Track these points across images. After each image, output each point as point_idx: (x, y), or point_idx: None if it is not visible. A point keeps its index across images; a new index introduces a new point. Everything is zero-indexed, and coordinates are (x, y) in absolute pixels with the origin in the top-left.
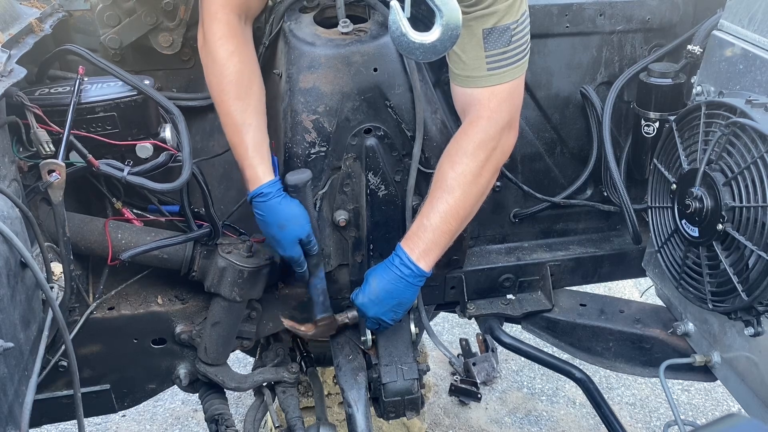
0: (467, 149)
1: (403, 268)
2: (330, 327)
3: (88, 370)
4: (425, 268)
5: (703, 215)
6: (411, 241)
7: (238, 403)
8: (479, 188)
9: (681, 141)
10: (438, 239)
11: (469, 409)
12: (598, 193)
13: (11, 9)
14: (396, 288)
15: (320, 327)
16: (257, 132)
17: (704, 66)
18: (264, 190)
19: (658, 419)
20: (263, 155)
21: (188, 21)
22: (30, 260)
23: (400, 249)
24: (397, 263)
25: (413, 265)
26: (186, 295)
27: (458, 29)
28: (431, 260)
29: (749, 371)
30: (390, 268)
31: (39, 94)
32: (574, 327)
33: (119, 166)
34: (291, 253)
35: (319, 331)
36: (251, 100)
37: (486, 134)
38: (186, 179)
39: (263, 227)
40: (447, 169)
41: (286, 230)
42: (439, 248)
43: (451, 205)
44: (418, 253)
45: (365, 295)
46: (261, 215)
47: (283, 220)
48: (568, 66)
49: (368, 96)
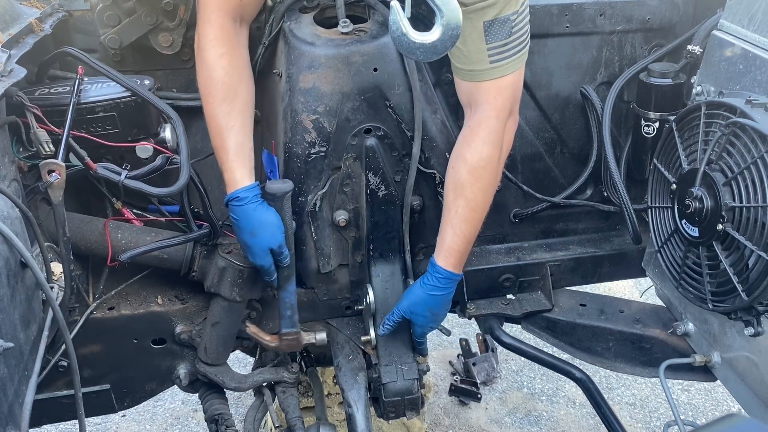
0: (477, 152)
1: (449, 284)
2: (295, 343)
3: (88, 370)
4: (460, 272)
5: (703, 215)
6: (443, 255)
7: (238, 403)
8: (494, 180)
9: (681, 141)
10: (466, 245)
11: (469, 409)
12: (598, 193)
13: (11, 9)
14: (446, 301)
15: (284, 341)
16: (240, 135)
17: (704, 66)
18: (240, 194)
19: (658, 419)
20: (244, 159)
21: (188, 21)
22: (30, 260)
23: (438, 267)
24: (440, 283)
25: (454, 276)
26: (186, 295)
27: (458, 29)
28: (463, 263)
29: (749, 371)
30: (436, 285)
31: (39, 94)
32: (574, 327)
33: (116, 170)
34: (261, 261)
35: (283, 344)
36: (236, 103)
37: (494, 128)
38: (183, 184)
39: (237, 232)
40: (461, 167)
41: (258, 237)
42: (467, 251)
43: (472, 206)
44: (453, 265)
45: (423, 315)
46: (235, 219)
47: (256, 226)
48: (568, 66)
49: (368, 96)
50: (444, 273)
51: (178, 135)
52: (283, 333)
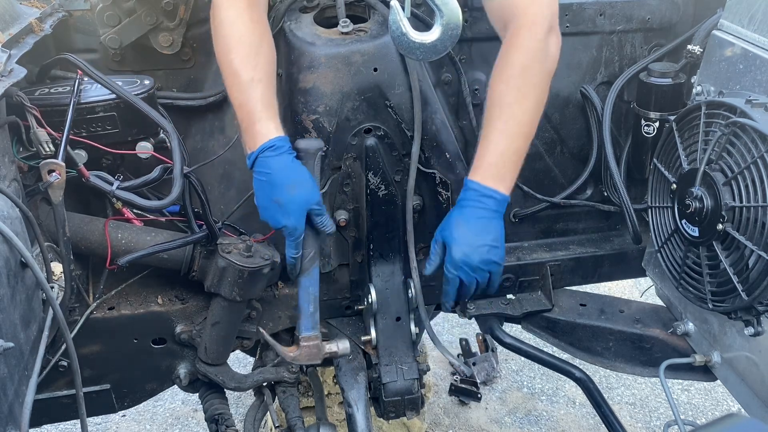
0: (516, 62)
1: (485, 200)
2: (315, 352)
3: (89, 370)
4: (506, 191)
5: (703, 215)
6: (480, 172)
7: (238, 403)
8: (537, 100)
9: (681, 141)
10: (507, 161)
11: (469, 409)
12: (598, 192)
13: (11, 9)
14: (484, 221)
15: (304, 350)
16: (267, 89)
17: (704, 66)
18: (276, 143)
19: (658, 419)
20: (273, 112)
21: (188, 21)
22: (30, 260)
23: (473, 183)
24: (474, 197)
25: (494, 192)
26: (186, 295)
27: (458, 29)
28: (508, 183)
29: (749, 371)
30: (468, 205)
31: (39, 94)
32: (574, 327)
33: (109, 179)
34: (296, 222)
35: (302, 354)
36: (260, 59)
37: (532, 42)
38: (175, 198)
39: (266, 190)
40: (500, 86)
41: (296, 192)
42: (511, 169)
43: (512, 123)
44: (493, 180)
45: (458, 249)
46: (267, 174)
47: (295, 178)
48: (568, 66)
49: (368, 96)
50: (473, 185)
51: (172, 148)
52: (302, 338)
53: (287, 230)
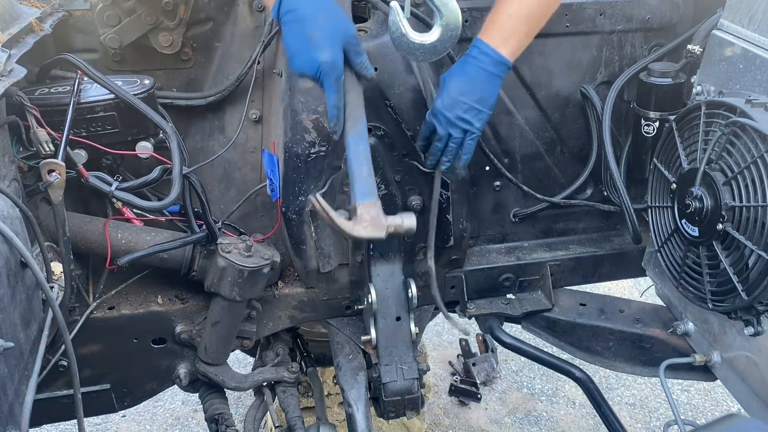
0: None
1: (482, 57)
2: (377, 224)
3: (88, 370)
4: (507, 55)
5: (703, 215)
6: (487, 31)
7: (238, 403)
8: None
9: (681, 141)
10: (516, 26)
11: (469, 409)
12: (598, 192)
13: (11, 9)
14: (476, 79)
15: (365, 218)
16: None
17: (704, 65)
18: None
19: (658, 419)
20: None
21: (188, 20)
22: (30, 260)
23: (477, 40)
24: (474, 53)
25: (492, 51)
26: (186, 295)
27: (458, 29)
28: (512, 48)
29: (749, 371)
30: (467, 61)
31: (39, 94)
32: (574, 327)
33: (108, 180)
34: (333, 54)
35: (364, 224)
36: None
37: None
38: (173, 199)
39: (295, 29)
40: None
41: (329, 21)
42: (519, 36)
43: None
44: (498, 40)
45: (442, 98)
46: (294, 11)
47: (326, 8)
48: (568, 66)
49: (368, 96)
50: (476, 42)
51: (171, 149)
52: (360, 205)
53: (325, 68)
